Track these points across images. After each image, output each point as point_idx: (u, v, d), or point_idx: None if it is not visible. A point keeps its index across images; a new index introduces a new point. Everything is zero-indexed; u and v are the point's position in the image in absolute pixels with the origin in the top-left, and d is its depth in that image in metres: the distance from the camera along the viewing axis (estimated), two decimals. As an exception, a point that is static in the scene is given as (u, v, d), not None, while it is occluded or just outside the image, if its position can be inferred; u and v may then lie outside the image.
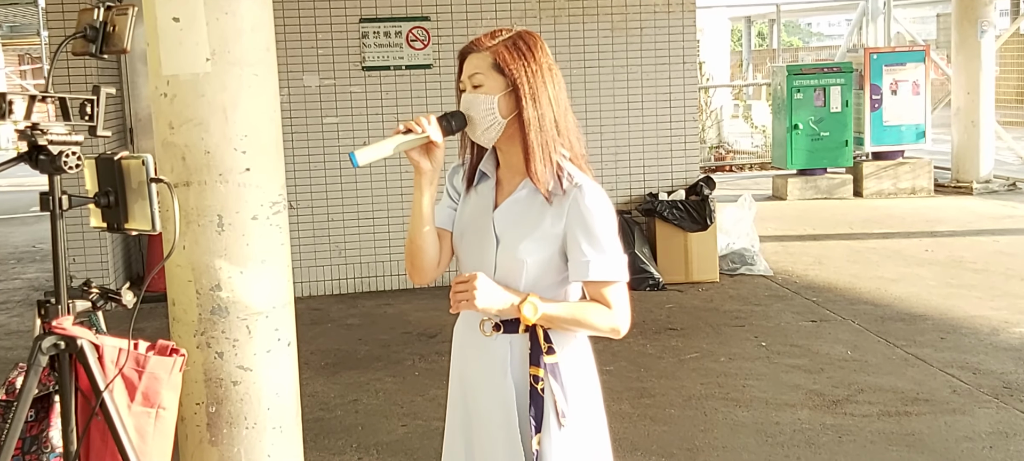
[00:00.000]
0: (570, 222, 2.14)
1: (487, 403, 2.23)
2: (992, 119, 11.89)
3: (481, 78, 2.15)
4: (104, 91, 2.28)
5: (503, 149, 2.23)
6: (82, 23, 2.32)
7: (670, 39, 7.86)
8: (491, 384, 2.21)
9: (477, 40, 2.20)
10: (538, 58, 2.18)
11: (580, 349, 2.26)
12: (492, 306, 2.12)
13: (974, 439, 4.36)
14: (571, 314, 2.16)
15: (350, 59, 7.36)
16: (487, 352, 2.22)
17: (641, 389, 5.10)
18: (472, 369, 2.27)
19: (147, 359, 2.45)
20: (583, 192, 2.13)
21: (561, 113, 2.18)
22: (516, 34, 2.21)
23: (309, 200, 7.37)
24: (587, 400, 2.25)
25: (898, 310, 6.50)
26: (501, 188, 2.25)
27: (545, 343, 2.17)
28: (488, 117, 2.14)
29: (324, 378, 5.47)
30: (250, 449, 3.09)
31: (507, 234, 2.19)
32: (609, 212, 2.17)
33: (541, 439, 2.16)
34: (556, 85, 2.19)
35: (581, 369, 2.25)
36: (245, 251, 3.03)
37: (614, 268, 2.15)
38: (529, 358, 2.18)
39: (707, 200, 7.43)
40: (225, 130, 2.97)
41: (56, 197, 2.29)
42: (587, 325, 2.18)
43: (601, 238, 2.13)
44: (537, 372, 2.17)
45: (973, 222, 9.73)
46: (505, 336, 2.20)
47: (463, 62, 2.20)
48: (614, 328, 2.18)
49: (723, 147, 15.66)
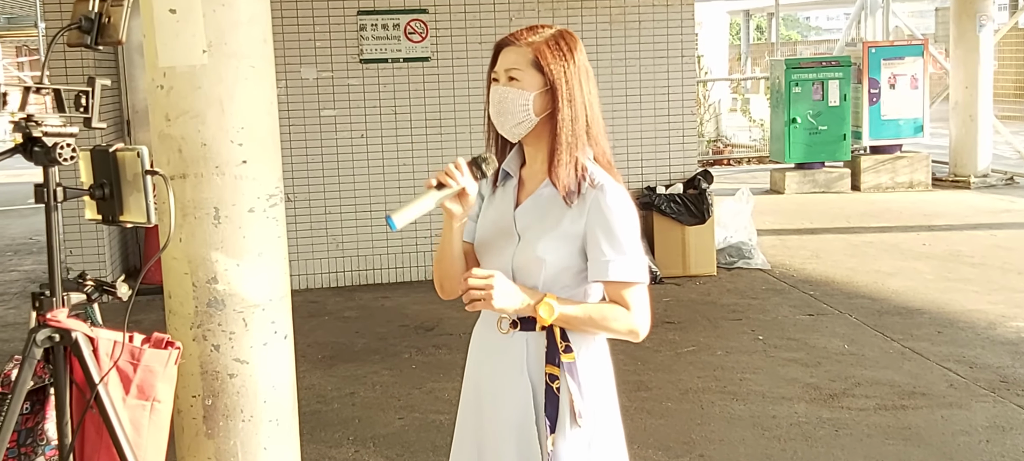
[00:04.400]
0: (590, 221, 2.12)
1: (502, 401, 2.20)
2: (990, 113, 11.89)
3: (518, 73, 2.13)
4: (99, 82, 2.27)
5: (529, 146, 2.22)
6: (77, 14, 2.31)
7: (669, 33, 7.85)
8: (507, 382, 2.19)
9: (517, 34, 2.18)
10: (577, 60, 2.17)
11: (598, 350, 2.23)
12: (509, 306, 2.10)
13: (971, 433, 4.37)
14: (588, 315, 2.14)
15: (348, 52, 7.35)
16: (504, 350, 2.20)
17: (638, 382, 5.11)
18: (489, 367, 2.24)
19: (142, 352, 2.44)
20: (604, 192, 2.12)
21: (593, 117, 2.18)
22: (557, 32, 2.19)
23: (306, 193, 7.36)
24: (603, 401, 2.22)
25: (895, 304, 6.50)
26: (524, 187, 2.24)
27: (562, 342, 2.15)
28: (521, 112, 2.13)
29: (321, 371, 5.47)
30: (246, 442, 3.09)
31: (527, 232, 2.18)
32: (631, 213, 2.15)
33: (556, 439, 2.13)
34: (591, 88, 2.18)
35: (598, 370, 2.22)
36: (242, 244, 3.02)
37: (634, 269, 2.13)
38: (546, 357, 2.16)
39: (705, 194, 7.42)
40: (222, 122, 2.96)
41: (51, 189, 2.28)
42: (604, 327, 2.15)
43: (621, 239, 2.11)
44: (554, 371, 2.14)
45: (971, 216, 9.73)
46: (522, 334, 2.17)
47: (499, 54, 2.19)
48: (632, 330, 2.15)
49: (721, 141, 15.66)
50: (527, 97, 2.13)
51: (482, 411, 2.25)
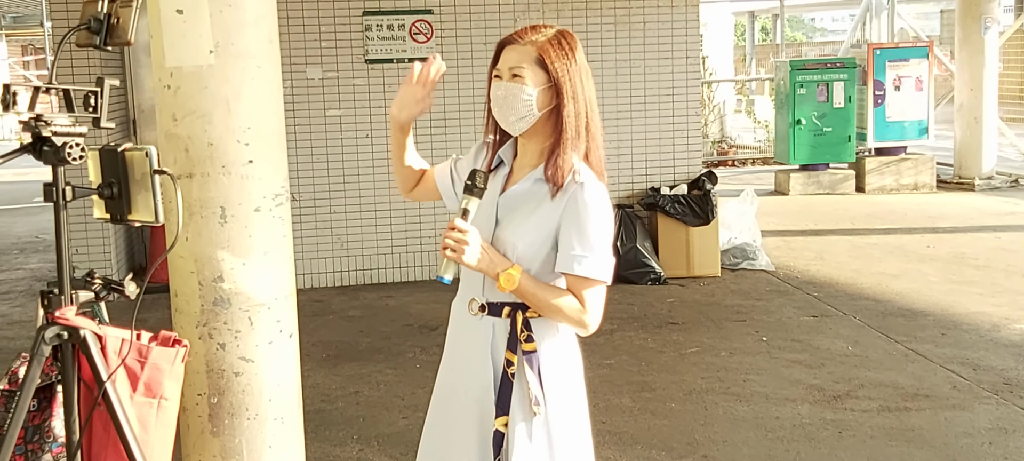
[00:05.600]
0: (566, 215, 2.20)
1: (469, 381, 2.31)
2: (995, 115, 11.87)
3: (522, 70, 2.20)
4: (108, 82, 2.29)
5: (524, 139, 2.29)
6: (86, 15, 2.33)
7: (673, 33, 7.85)
8: (474, 362, 2.29)
9: (520, 32, 2.25)
10: (578, 59, 2.24)
11: (563, 342, 2.31)
12: (476, 264, 2.18)
13: (974, 435, 4.37)
14: (545, 297, 2.20)
15: (353, 52, 7.37)
16: (473, 332, 2.30)
17: (642, 383, 5.11)
18: (459, 346, 2.36)
19: (149, 350, 2.46)
20: (584, 189, 2.20)
21: (593, 114, 2.26)
22: (559, 32, 2.26)
23: (311, 192, 7.38)
24: (566, 393, 2.30)
25: (899, 306, 6.50)
26: (512, 176, 2.33)
27: (524, 331, 2.24)
28: (523, 108, 2.20)
29: (325, 370, 5.48)
30: (251, 440, 3.11)
31: (506, 218, 2.26)
32: (606, 213, 2.22)
33: (508, 423, 2.23)
34: (590, 87, 2.26)
35: (562, 362, 2.30)
36: (248, 243, 3.03)
37: (598, 268, 2.21)
38: (507, 343, 2.25)
39: (709, 195, 7.43)
40: (228, 122, 2.98)
41: (60, 188, 2.30)
42: (557, 311, 2.22)
43: (591, 236, 2.19)
44: (511, 357, 2.24)
45: (975, 218, 9.73)
46: (489, 318, 2.27)
47: (501, 51, 2.26)
48: (581, 324, 2.24)
49: (726, 142, 15.66)
50: (531, 93, 2.20)
51: (454, 387, 2.36)
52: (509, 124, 2.24)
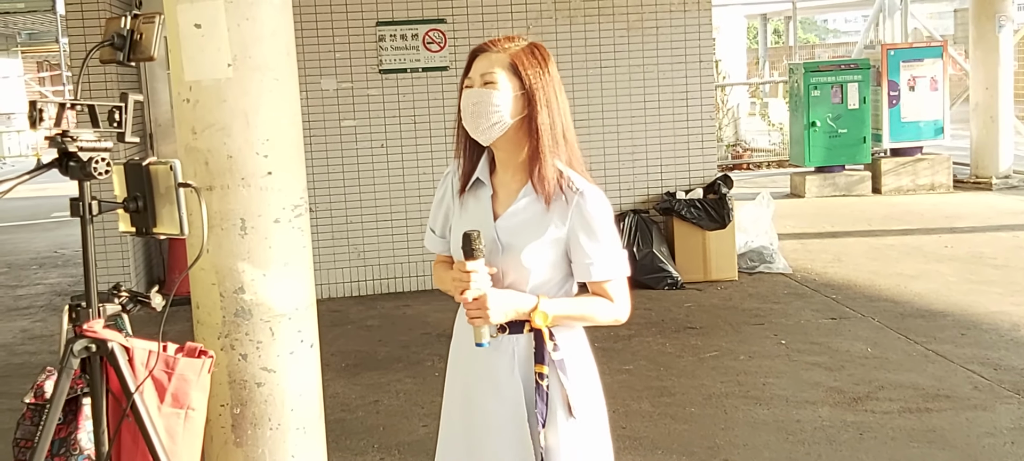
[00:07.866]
0: (573, 226, 2.23)
1: (495, 402, 2.28)
2: (1011, 114, 11.81)
3: (494, 76, 2.20)
4: (132, 97, 2.32)
5: (501, 153, 2.28)
6: (109, 31, 2.36)
7: (686, 37, 7.85)
8: (499, 383, 2.28)
9: (493, 41, 2.26)
10: (551, 70, 2.27)
11: (581, 343, 2.36)
12: (507, 317, 2.21)
13: (995, 435, 4.35)
14: (579, 312, 2.28)
15: (367, 62, 7.40)
16: (493, 353, 2.28)
17: (661, 388, 5.11)
18: (477, 370, 2.32)
19: (176, 361, 2.49)
20: (586, 198, 2.23)
21: (567, 124, 2.28)
22: (531, 44, 2.29)
23: (328, 203, 7.41)
24: (590, 392, 2.34)
25: (918, 307, 6.48)
26: (498, 197, 2.30)
27: (551, 341, 2.26)
28: (495, 115, 2.19)
29: (345, 379, 5.51)
30: (274, 450, 3.13)
31: (512, 242, 2.25)
32: (609, 213, 2.27)
33: (547, 433, 2.25)
34: (563, 99, 2.29)
35: (583, 363, 2.35)
36: (268, 254, 3.06)
37: (616, 265, 2.27)
38: (534, 356, 2.26)
39: (725, 198, 7.42)
40: (247, 134, 3.01)
41: (86, 203, 2.33)
42: (593, 319, 2.29)
43: (603, 240, 2.24)
44: (541, 369, 2.25)
45: (993, 218, 9.68)
46: (510, 337, 2.28)
47: (473, 60, 2.26)
48: (616, 319, 2.31)
49: (740, 145, 15.63)
50: (501, 97, 2.19)
51: (472, 410, 2.34)
52: (480, 132, 2.22)
